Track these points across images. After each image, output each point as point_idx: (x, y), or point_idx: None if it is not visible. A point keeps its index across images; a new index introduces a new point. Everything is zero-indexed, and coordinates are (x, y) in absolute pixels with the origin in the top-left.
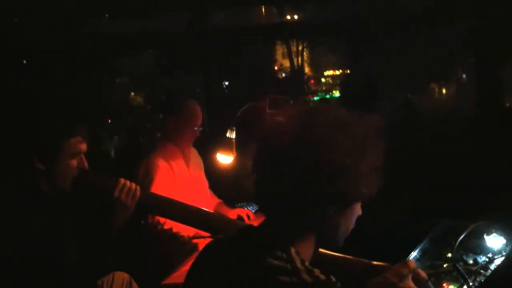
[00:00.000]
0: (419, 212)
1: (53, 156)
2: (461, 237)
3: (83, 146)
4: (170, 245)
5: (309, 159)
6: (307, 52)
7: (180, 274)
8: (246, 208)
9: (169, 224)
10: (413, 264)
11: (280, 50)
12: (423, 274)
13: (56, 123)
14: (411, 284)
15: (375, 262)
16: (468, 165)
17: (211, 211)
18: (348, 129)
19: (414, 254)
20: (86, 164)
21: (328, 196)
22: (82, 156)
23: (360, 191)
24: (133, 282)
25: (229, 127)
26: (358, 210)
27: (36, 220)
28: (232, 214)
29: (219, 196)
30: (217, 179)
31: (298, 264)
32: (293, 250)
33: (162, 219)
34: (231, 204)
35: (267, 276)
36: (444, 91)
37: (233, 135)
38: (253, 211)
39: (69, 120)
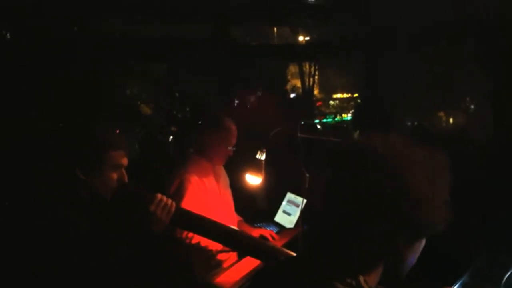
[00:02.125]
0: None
1: (94, 168)
2: (509, 273)
3: (124, 160)
4: (197, 258)
5: (384, 190)
6: (318, 74)
7: None
8: (267, 229)
9: (196, 238)
10: None
11: (290, 70)
12: None
13: (100, 136)
14: None
15: None
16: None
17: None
18: (421, 164)
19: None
20: (126, 177)
21: (400, 228)
22: (123, 169)
23: (431, 224)
24: None
25: (259, 148)
26: (423, 244)
27: (75, 227)
28: (255, 233)
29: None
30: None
31: None
32: (361, 278)
33: (190, 233)
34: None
35: None
36: (451, 120)
37: (263, 157)
38: (275, 231)
39: (113, 133)
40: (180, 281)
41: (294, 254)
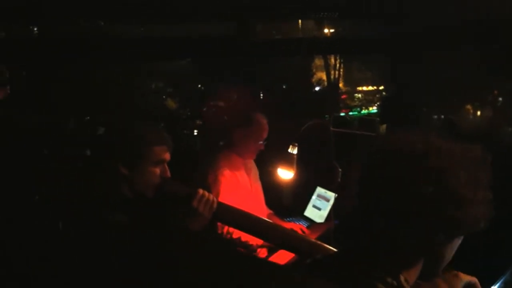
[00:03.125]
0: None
1: (138, 163)
2: None
3: (167, 155)
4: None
5: (424, 187)
6: (343, 67)
7: None
8: (297, 223)
9: (237, 233)
10: (463, 275)
11: (315, 63)
12: (473, 279)
13: (143, 131)
14: None
15: None
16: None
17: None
18: (462, 160)
19: (495, 287)
20: (168, 173)
21: (440, 225)
22: (165, 165)
23: (471, 222)
24: None
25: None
26: (461, 240)
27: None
28: (286, 226)
29: None
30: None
31: None
32: (402, 278)
33: (231, 229)
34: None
35: None
36: (479, 113)
37: (295, 151)
38: (305, 226)
39: (156, 129)
40: None
41: (335, 250)
